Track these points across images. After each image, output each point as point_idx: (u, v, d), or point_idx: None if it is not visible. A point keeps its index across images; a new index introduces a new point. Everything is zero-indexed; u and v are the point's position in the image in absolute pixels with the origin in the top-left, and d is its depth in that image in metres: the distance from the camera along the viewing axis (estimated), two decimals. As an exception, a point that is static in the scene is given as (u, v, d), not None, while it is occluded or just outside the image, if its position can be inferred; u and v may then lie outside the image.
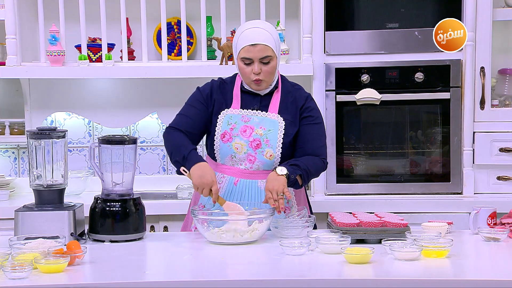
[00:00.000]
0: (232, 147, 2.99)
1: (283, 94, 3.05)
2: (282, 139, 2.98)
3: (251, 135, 2.98)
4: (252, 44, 2.93)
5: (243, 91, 3.05)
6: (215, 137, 3.01)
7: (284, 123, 3.00)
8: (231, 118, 3.01)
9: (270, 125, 2.99)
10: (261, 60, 2.93)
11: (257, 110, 3.02)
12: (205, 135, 3.10)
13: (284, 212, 2.94)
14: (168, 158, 4.28)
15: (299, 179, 2.92)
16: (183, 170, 2.89)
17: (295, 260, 2.50)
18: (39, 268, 2.32)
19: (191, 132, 3.03)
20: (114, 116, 4.34)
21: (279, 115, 3.01)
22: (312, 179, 4.08)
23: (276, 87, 3.05)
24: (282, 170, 2.86)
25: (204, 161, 2.92)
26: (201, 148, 4.12)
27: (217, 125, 3.01)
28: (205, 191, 2.83)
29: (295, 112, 3.03)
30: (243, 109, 3.02)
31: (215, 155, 3.03)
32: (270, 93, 3.05)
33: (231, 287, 2.26)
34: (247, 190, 3.00)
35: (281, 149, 2.98)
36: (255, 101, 3.04)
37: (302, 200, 3.13)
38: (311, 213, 3.15)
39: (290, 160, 2.97)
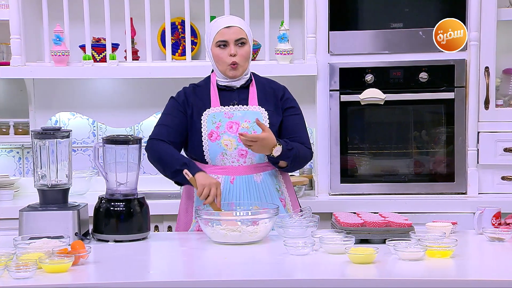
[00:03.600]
0: (221, 144, 2.99)
1: (259, 87, 3.09)
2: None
3: (238, 130, 2.99)
4: (227, 26, 2.99)
5: (220, 88, 3.07)
6: (202, 137, 3.01)
7: (267, 114, 3.03)
8: (214, 117, 3.02)
9: (254, 117, 2.99)
10: (236, 42, 2.99)
11: (237, 105, 3.04)
12: (187, 141, 3.07)
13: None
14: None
15: (283, 164, 2.97)
16: (186, 173, 2.88)
17: (299, 260, 2.49)
18: (44, 268, 2.32)
19: (173, 142, 3.03)
20: (118, 116, 4.34)
21: (260, 107, 3.04)
22: (315, 179, 4.09)
23: (250, 79, 3.09)
24: (277, 152, 2.90)
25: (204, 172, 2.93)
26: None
27: (201, 126, 3.01)
28: (212, 189, 2.82)
29: (275, 102, 3.08)
30: (224, 106, 3.04)
31: (205, 156, 3.02)
32: (246, 87, 3.08)
33: (235, 287, 2.26)
34: (245, 187, 2.99)
35: None
36: (233, 96, 3.06)
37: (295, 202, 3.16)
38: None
39: (289, 143, 2.97)
